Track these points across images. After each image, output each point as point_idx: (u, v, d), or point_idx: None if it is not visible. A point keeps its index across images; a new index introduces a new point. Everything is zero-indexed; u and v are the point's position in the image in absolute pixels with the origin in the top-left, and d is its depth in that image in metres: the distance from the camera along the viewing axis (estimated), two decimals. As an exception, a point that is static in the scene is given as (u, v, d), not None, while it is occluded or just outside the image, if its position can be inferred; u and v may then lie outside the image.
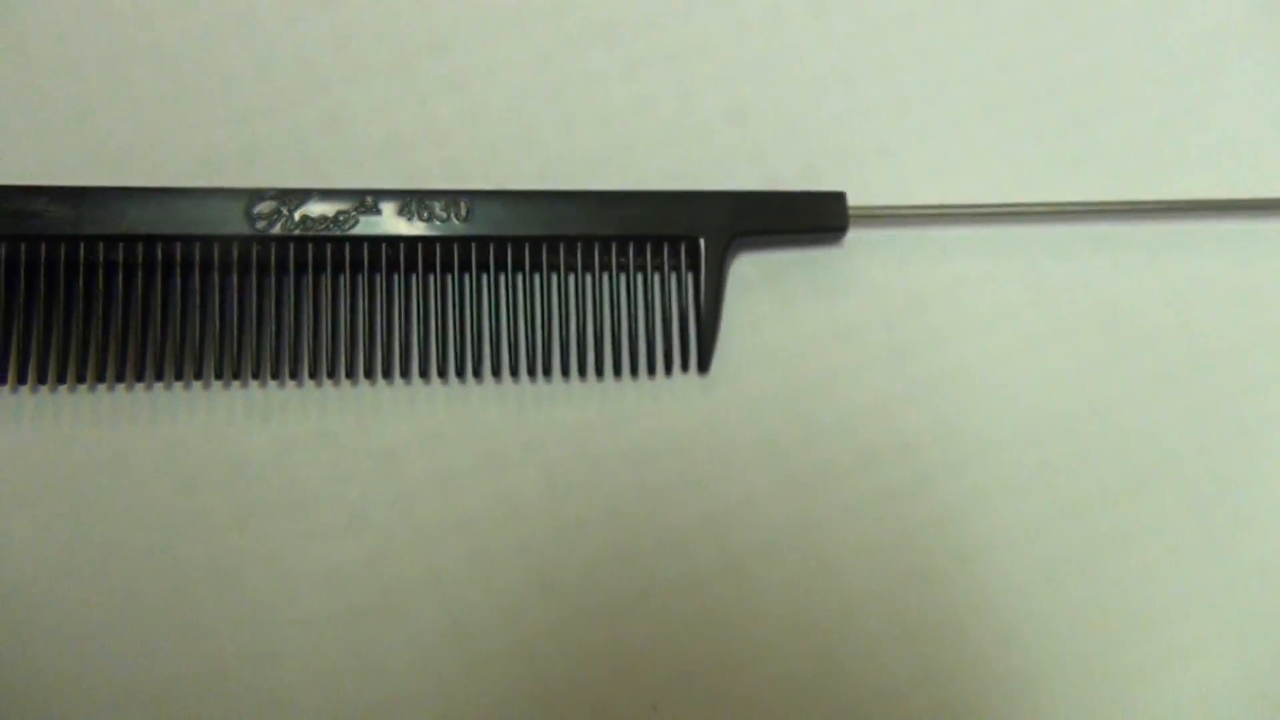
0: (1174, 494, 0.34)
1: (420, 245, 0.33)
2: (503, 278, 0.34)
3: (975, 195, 0.36)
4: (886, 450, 0.34)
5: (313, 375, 0.33)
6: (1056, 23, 0.37)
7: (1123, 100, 0.37)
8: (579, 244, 0.34)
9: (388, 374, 0.33)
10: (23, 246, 0.32)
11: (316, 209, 0.33)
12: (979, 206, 0.35)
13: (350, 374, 0.33)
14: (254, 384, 0.33)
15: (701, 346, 0.34)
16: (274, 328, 0.33)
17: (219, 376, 0.33)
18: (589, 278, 0.34)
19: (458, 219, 0.33)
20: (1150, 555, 0.34)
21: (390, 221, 0.33)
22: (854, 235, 0.35)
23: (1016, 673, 0.32)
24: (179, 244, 0.32)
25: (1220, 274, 0.36)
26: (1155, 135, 0.37)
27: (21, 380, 0.32)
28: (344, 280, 0.33)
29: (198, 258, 0.32)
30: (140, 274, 0.32)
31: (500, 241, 0.33)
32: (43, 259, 0.32)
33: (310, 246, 0.33)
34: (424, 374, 0.33)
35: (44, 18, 0.34)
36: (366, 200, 0.33)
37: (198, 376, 0.33)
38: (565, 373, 0.34)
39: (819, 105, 0.36)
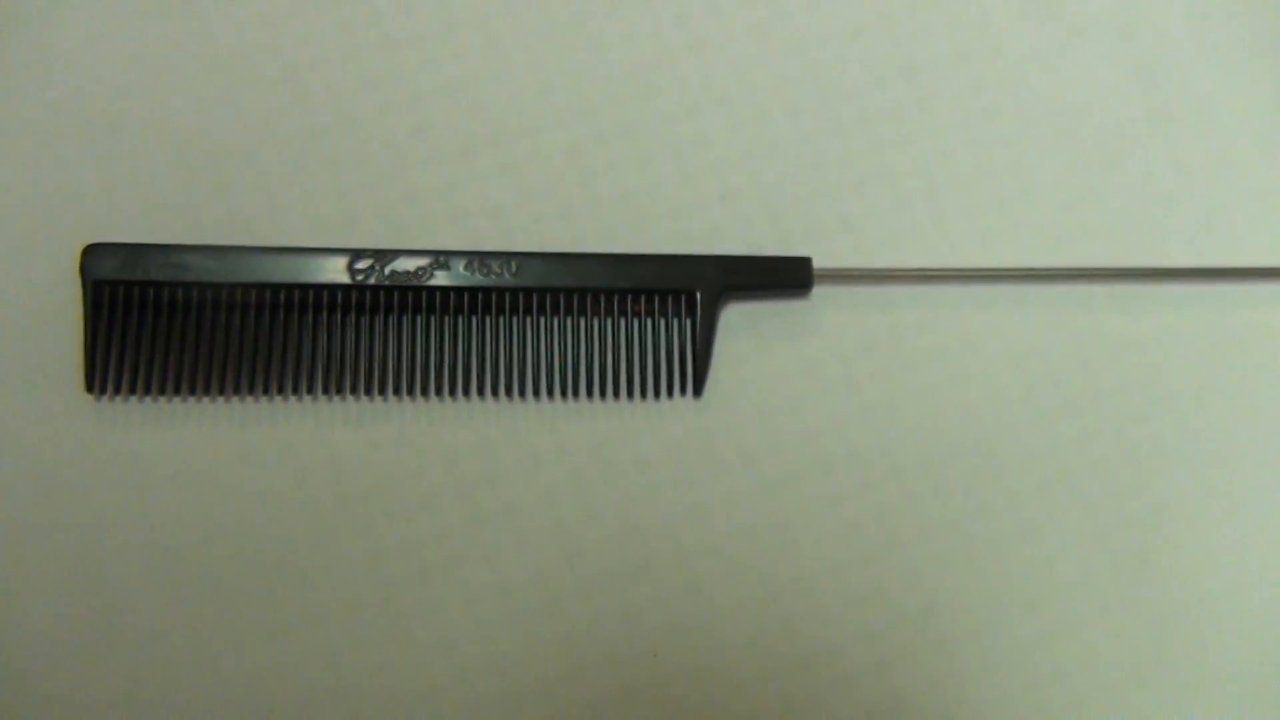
0: (1068, 498, 0.40)
1: (480, 294, 0.39)
2: (543, 320, 0.39)
3: (915, 261, 0.41)
4: (839, 459, 0.40)
5: (396, 392, 0.39)
6: (981, 127, 0.43)
7: (1033, 187, 0.42)
8: (602, 294, 0.39)
9: (453, 392, 0.39)
10: (179, 290, 0.38)
11: (402, 264, 0.39)
12: (918, 270, 0.41)
13: (424, 391, 0.39)
14: (350, 398, 0.39)
15: (696, 375, 0.40)
16: (368, 355, 0.39)
17: (325, 391, 0.39)
18: (609, 321, 0.40)
19: (509, 274, 0.39)
20: (1047, 546, 0.40)
21: (458, 275, 0.39)
22: (818, 291, 0.41)
23: (935, 635, 0.39)
24: (297, 290, 0.38)
25: (1111, 327, 0.41)
26: (1059, 214, 0.42)
27: (176, 391, 0.38)
28: (421, 319, 0.39)
29: (311, 300, 0.38)
30: (267, 312, 0.38)
31: (541, 291, 0.39)
32: (194, 300, 0.38)
33: (397, 294, 0.39)
34: (480, 392, 0.39)
35: (198, 121, 0.41)
36: (440, 259, 0.39)
37: (309, 391, 0.38)
38: (589, 394, 0.39)
39: (792, 189, 0.42)
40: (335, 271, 0.39)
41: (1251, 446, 0.41)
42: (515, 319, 0.40)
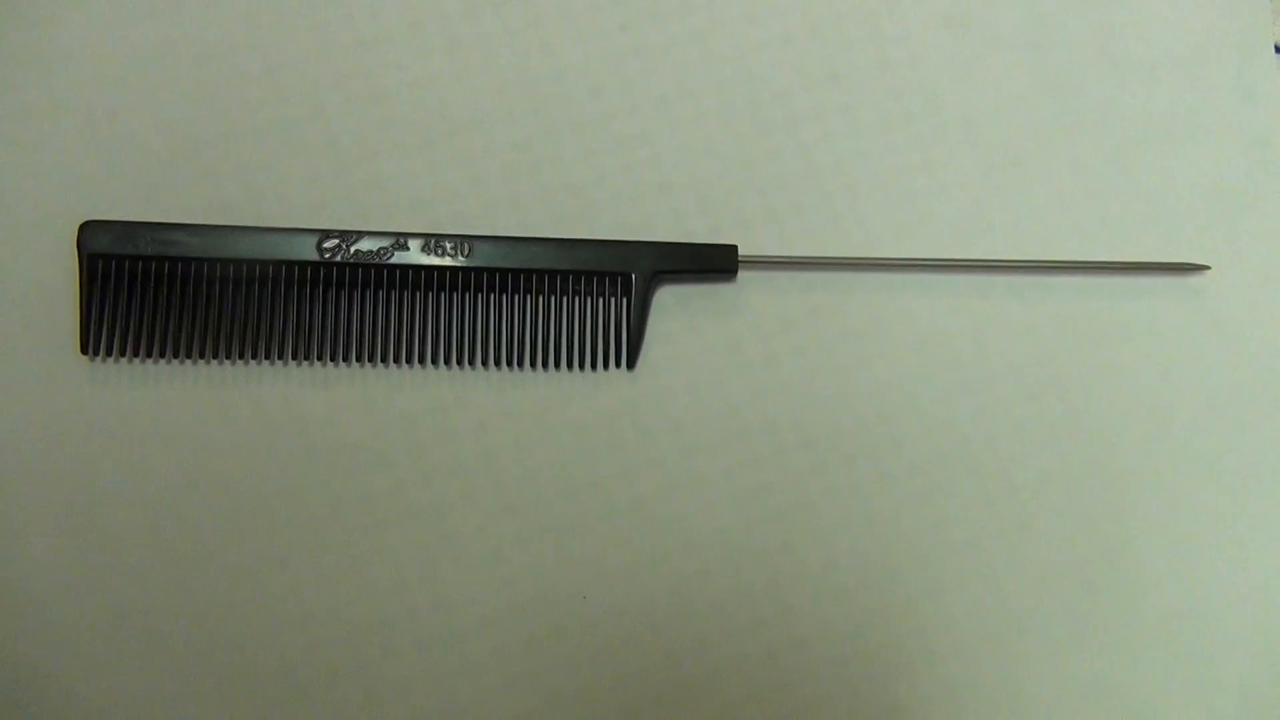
0: (960, 468, 0.44)
1: (436, 272, 0.42)
2: (492, 297, 0.42)
3: (833, 250, 0.45)
4: (756, 429, 0.43)
5: (358, 358, 0.42)
6: (898, 130, 0.46)
7: (942, 186, 0.46)
8: (547, 275, 0.42)
9: (409, 360, 0.42)
10: (166, 264, 0.41)
11: (366, 245, 0.42)
12: (833, 258, 0.44)
13: (383, 359, 0.42)
14: (318, 363, 0.42)
15: (630, 350, 0.43)
16: (333, 325, 0.42)
17: (294, 357, 0.42)
18: (553, 299, 0.43)
19: (463, 255, 0.42)
20: (939, 510, 0.43)
21: (416, 255, 0.42)
22: (743, 276, 0.44)
23: (835, 586, 0.43)
24: (271, 265, 0.41)
25: (1009, 314, 0.45)
26: (965, 211, 0.45)
27: (161, 354, 0.42)
28: (382, 294, 0.42)
29: (283, 275, 0.41)
30: (243, 285, 0.41)
31: (492, 271, 0.42)
32: (179, 272, 0.41)
33: (360, 271, 0.42)
34: (434, 361, 0.42)
35: (186, 112, 0.44)
36: (400, 240, 0.42)
37: (280, 356, 0.42)
38: (533, 364, 0.43)
39: (723, 182, 0.45)
40: (305, 250, 0.42)
41: (1131, 425, 0.45)
42: (467, 295, 0.43)
